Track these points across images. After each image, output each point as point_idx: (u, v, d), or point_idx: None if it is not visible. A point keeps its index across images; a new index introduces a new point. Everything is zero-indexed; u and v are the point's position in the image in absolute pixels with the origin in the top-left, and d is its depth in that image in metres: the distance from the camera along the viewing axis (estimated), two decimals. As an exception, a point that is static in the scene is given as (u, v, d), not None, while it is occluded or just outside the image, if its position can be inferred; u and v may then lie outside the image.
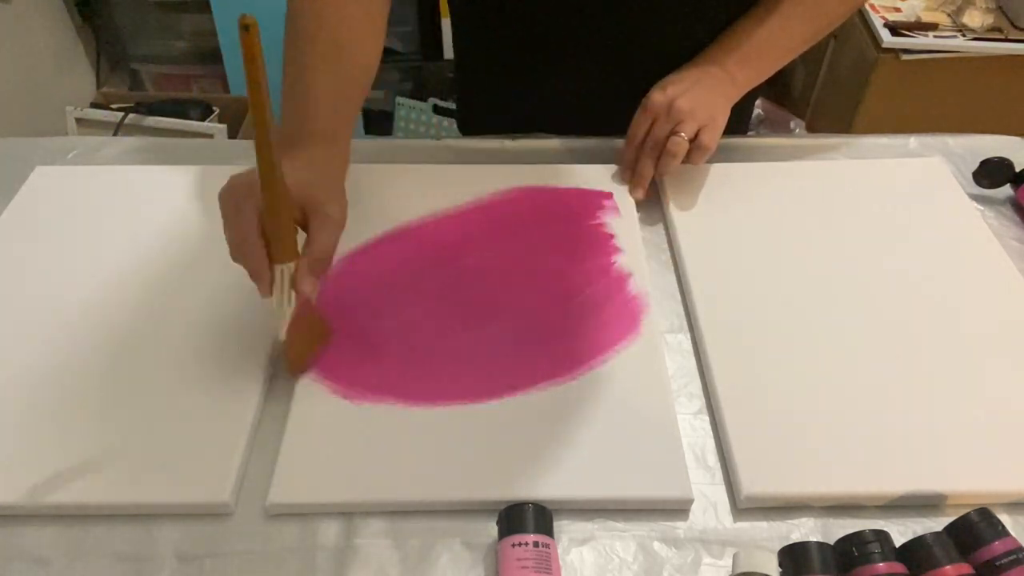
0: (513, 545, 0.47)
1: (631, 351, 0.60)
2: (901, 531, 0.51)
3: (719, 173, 0.77)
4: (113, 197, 0.74)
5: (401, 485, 0.52)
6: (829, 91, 1.77)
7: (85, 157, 0.82)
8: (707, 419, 0.58)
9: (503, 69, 0.86)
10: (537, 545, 0.47)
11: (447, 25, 1.95)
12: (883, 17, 1.53)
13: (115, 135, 1.53)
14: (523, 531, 0.47)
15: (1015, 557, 0.44)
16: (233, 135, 1.62)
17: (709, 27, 0.76)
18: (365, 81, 0.65)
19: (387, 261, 0.68)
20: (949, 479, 0.52)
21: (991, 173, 0.75)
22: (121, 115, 1.57)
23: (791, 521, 0.52)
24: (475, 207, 0.73)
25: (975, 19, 1.48)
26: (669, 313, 0.66)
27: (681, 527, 0.52)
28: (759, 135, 1.60)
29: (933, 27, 1.50)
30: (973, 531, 0.46)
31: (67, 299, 0.64)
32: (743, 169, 0.77)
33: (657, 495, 0.52)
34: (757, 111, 1.85)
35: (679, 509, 0.53)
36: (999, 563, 0.44)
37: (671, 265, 0.70)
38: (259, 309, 0.63)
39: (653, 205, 0.75)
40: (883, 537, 0.46)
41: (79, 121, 1.58)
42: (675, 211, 0.73)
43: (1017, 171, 0.75)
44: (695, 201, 0.74)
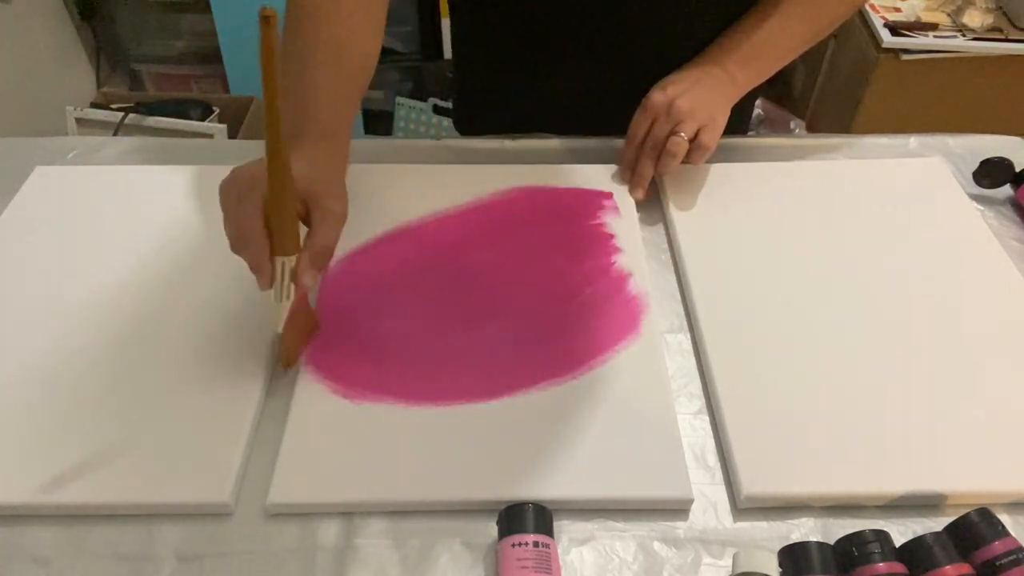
0: (513, 545, 0.47)
1: (631, 351, 0.60)
2: (901, 531, 0.51)
3: (719, 173, 0.77)
4: (113, 197, 0.74)
5: (401, 485, 0.52)
6: (829, 91, 1.77)
7: (85, 157, 0.82)
8: (707, 419, 0.58)
9: (503, 69, 0.86)
10: (537, 545, 0.47)
11: (447, 25, 1.95)
12: (883, 17, 1.53)
13: (115, 135, 1.53)
14: (523, 531, 0.47)
15: (1015, 557, 0.44)
16: (233, 135, 1.62)
17: (709, 27, 0.76)
18: (364, 79, 0.65)
19: (387, 261, 0.68)
20: (949, 479, 0.52)
21: (991, 173, 0.75)
22: (121, 115, 1.57)
23: (791, 521, 0.52)
24: (475, 207, 0.73)
25: (975, 19, 1.48)
26: (669, 313, 0.66)
27: (681, 527, 0.52)
28: (759, 135, 1.60)
29: (933, 27, 1.50)
30: (973, 531, 0.46)
31: (67, 299, 0.64)
32: (743, 169, 0.77)
33: (657, 495, 0.52)
34: (757, 111, 1.85)
35: (679, 509, 0.53)
36: (999, 563, 0.44)
37: (671, 265, 0.70)
38: (259, 308, 0.63)
39: (653, 205, 0.75)
40: (883, 537, 0.46)
41: (79, 121, 1.58)
42: (675, 211, 0.73)
43: (1017, 171, 0.75)
44: (695, 201, 0.74)
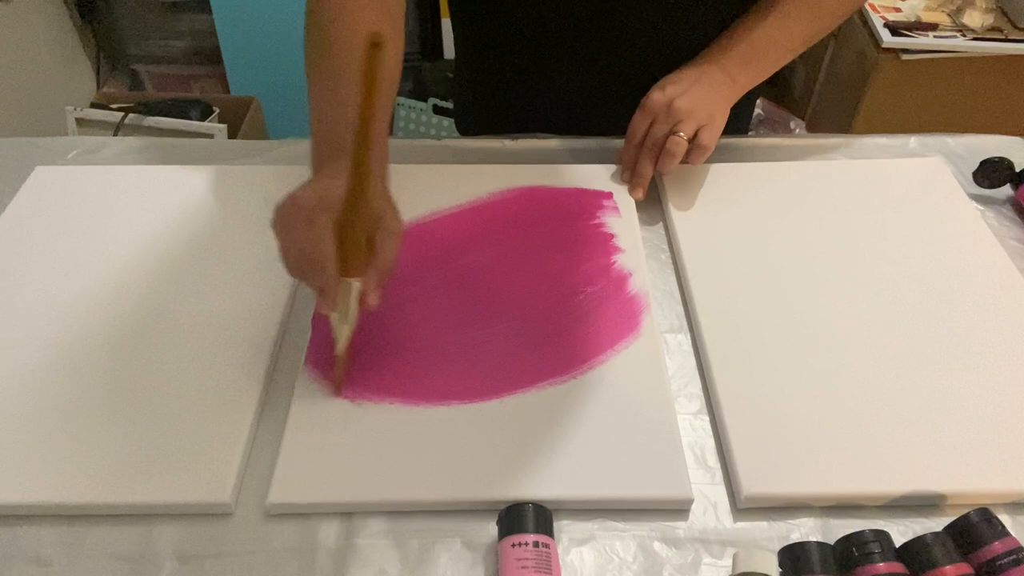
0: (513, 545, 0.47)
1: (631, 351, 0.60)
2: (901, 531, 0.51)
3: (719, 173, 0.77)
4: (113, 197, 0.74)
5: (401, 485, 0.52)
6: (829, 91, 1.77)
7: (85, 157, 0.82)
8: (707, 419, 0.58)
9: (503, 69, 0.86)
10: (537, 545, 0.47)
11: (447, 25, 1.96)
12: (883, 17, 1.53)
13: (115, 135, 1.53)
14: (523, 531, 0.47)
15: (1015, 557, 0.44)
16: (233, 135, 1.62)
17: (708, 27, 0.76)
18: (394, 88, 0.65)
19: (387, 261, 0.68)
20: (949, 479, 0.52)
21: (991, 173, 0.75)
22: (121, 115, 1.57)
23: (791, 521, 0.52)
24: (475, 207, 0.73)
25: (975, 19, 1.48)
26: (669, 313, 0.66)
27: (681, 527, 0.52)
28: (759, 135, 1.60)
29: (933, 27, 1.50)
30: (973, 531, 0.46)
31: (67, 299, 0.64)
32: (743, 169, 0.77)
33: (657, 495, 0.52)
34: (757, 111, 1.85)
35: (679, 509, 0.53)
36: (999, 563, 0.44)
37: (671, 265, 0.70)
38: (259, 309, 0.63)
39: (653, 205, 0.75)
40: (883, 537, 0.46)
41: (79, 121, 1.58)
42: (675, 211, 0.73)
43: (1017, 171, 0.75)
44: (695, 201, 0.74)
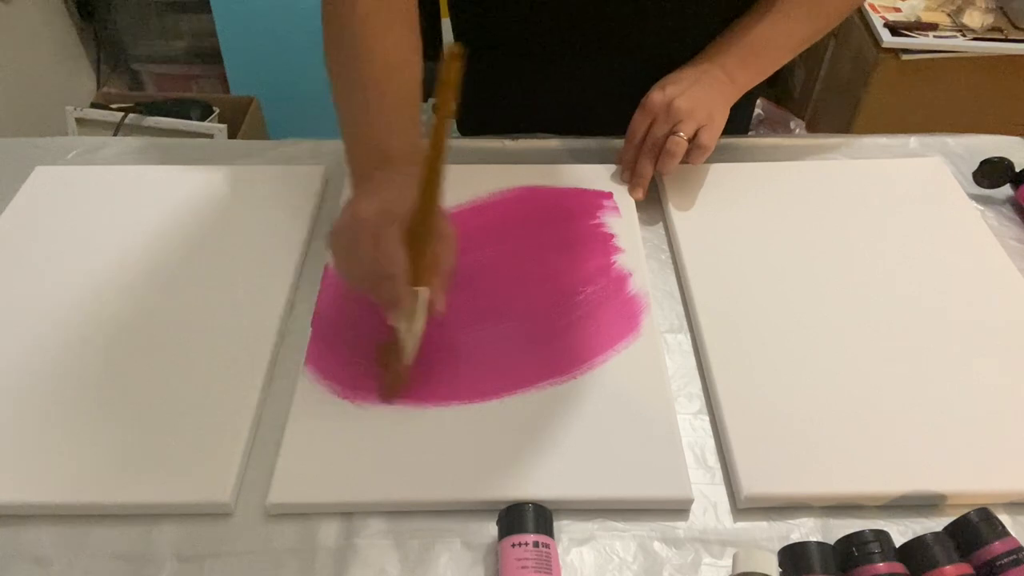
0: (513, 545, 0.47)
1: (631, 351, 0.60)
2: (901, 531, 0.51)
3: (719, 173, 0.77)
4: (113, 197, 0.74)
5: (401, 485, 0.52)
6: (829, 91, 1.77)
7: (85, 157, 0.82)
8: (707, 419, 0.58)
9: (503, 69, 0.86)
10: (537, 545, 0.47)
11: (447, 25, 1.95)
12: (883, 17, 1.53)
13: (115, 135, 1.53)
14: (523, 531, 0.47)
15: (1015, 557, 0.44)
16: (233, 135, 1.62)
17: (708, 27, 0.76)
18: (420, 96, 0.65)
19: (387, 261, 0.68)
20: (949, 479, 0.52)
21: (991, 173, 0.75)
22: (121, 115, 1.57)
23: (791, 521, 0.52)
24: (475, 207, 0.73)
25: (975, 19, 1.48)
26: (669, 313, 0.66)
27: (681, 527, 0.52)
28: (759, 135, 1.60)
29: (933, 27, 1.50)
30: (973, 531, 0.46)
31: (67, 299, 0.64)
32: (743, 169, 0.77)
33: (657, 495, 0.52)
34: (757, 111, 1.85)
35: (679, 509, 0.53)
36: (999, 563, 0.44)
37: (671, 265, 0.70)
38: (259, 309, 0.63)
39: (653, 205, 0.75)
40: (883, 537, 0.46)
41: (79, 121, 1.58)
42: (675, 211, 0.73)
43: (1017, 171, 0.75)
44: (695, 201, 0.74)
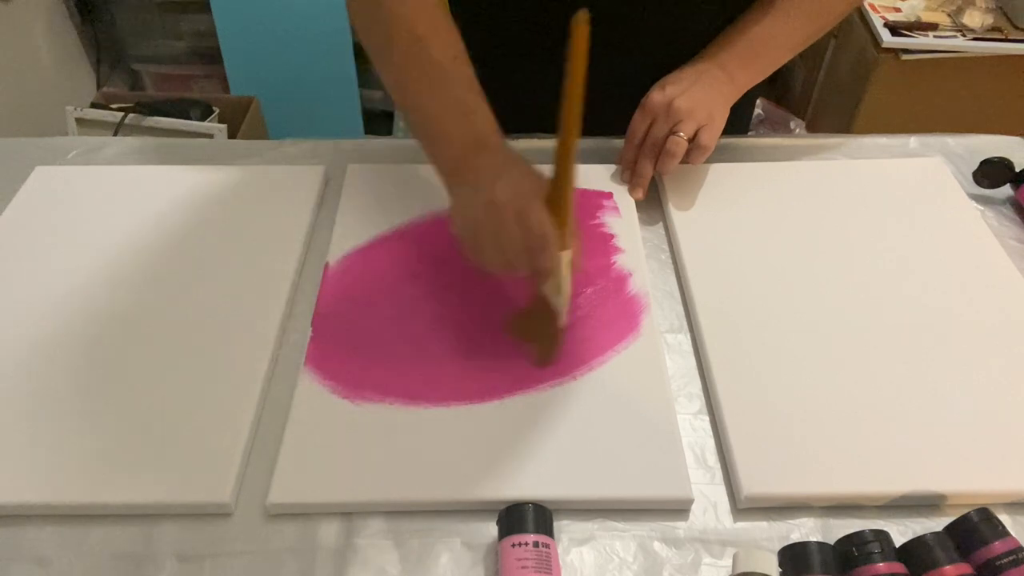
0: (513, 545, 0.47)
1: (631, 351, 0.60)
2: (901, 531, 0.51)
3: (719, 173, 0.77)
4: (113, 197, 0.74)
5: (401, 485, 0.52)
6: (829, 91, 1.77)
7: (85, 157, 0.82)
8: (707, 419, 0.58)
9: (502, 69, 0.86)
10: (537, 545, 0.47)
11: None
12: (883, 17, 1.53)
13: (115, 135, 1.53)
14: (523, 531, 0.47)
15: (1015, 557, 0.44)
16: (233, 135, 1.62)
17: (708, 27, 0.76)
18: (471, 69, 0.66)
19: (387, 261, 0.68)
20: (949, 479, 0.52)
21: (991, 173, 0.75)
22: (121, 115, 1.57)
23: (791, 521, 0.52)
24: (475, 207, 0.73)
25: (975, 19, 1.48)
26: (669, 313, 0.66)
27: (681, 527, 0.52)
28: (759, 135, 1.60)
29: (933, 27, 1.50)
30: (973, 531, 0.46)
31: (67, 299, 0.64)
32: (743, 169, 0.77)
33: (657, 495, 0.52)
34: (757, 111, 1.85)
35: (679, 509, 0.53)
36: (999, 563, 0.44)
37: (671, 265, 0.70)
38: (259, 309, 0.63)
39: (653, 205, 0.75)
40: (883, 537, 0.46)
41: (79, 121, 1.58)
42: (675, 211, 0.73)
43: (1017, 171, 0.75)
44: (695, 201, 0.74)
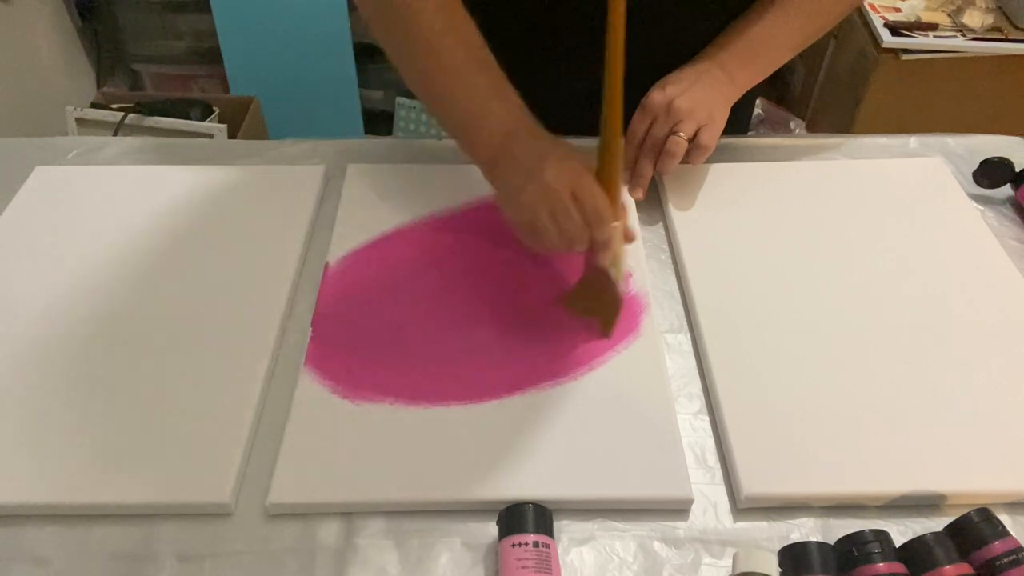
0: (513, 545, 0.47)
1: (631, 351, 0.60)
2: (901, 531, 0.51)
3: (719, 173, 0.77)
4: (113, 197, 0.74)
5: (401, 485, 0.52)
6: (829, 91, 1.77)
7: (85, 157, 0.82)
8: (707, 419, 0.58)
9: (502, 69, 0.86)
10: (537, 545, 0.47)
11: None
12: (883, 17, 1.53)
13: (115, 135, 1.53)
14: (523, 531, 0.47)
15: (1015, 557, 0.44)
16: (233, 135, 1.62)
17: (708, 27, 0.76)
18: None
19: (387, 261, 0.68)
20: (949, 479, 0.52)
21: (991, 173, 0.75)
22: (121, 115, 1.57)
23: (791, 521, 0.52)
24: (475, 207, 0.73)
25: (975, 19, 1.48)
26: (669, 313, 0.66)
27: (681, 527, 0.52)
28: (759, 135, 1.60)
29: (933, 27, 1.50)
30: (973, 531, 0.46)
31: (67, 299, 0.64)
32: (743, 169, 0.77)
33: (657, 495, 0.52)
34: (757, 111, 1.85)
35: (679, 509, 0.53)
36: (999, 563, 0.44)
37: (671, 265, 0.70)
38: (259, 309, 0.63)
39: (653, 205, 0.75)
40: (883, 537, 0.46)
41: (79, 121, 1.58)
42: (675, 211, 0.73)
43: (1017, 171, 0.75)
44: (695, 201, 0.74)
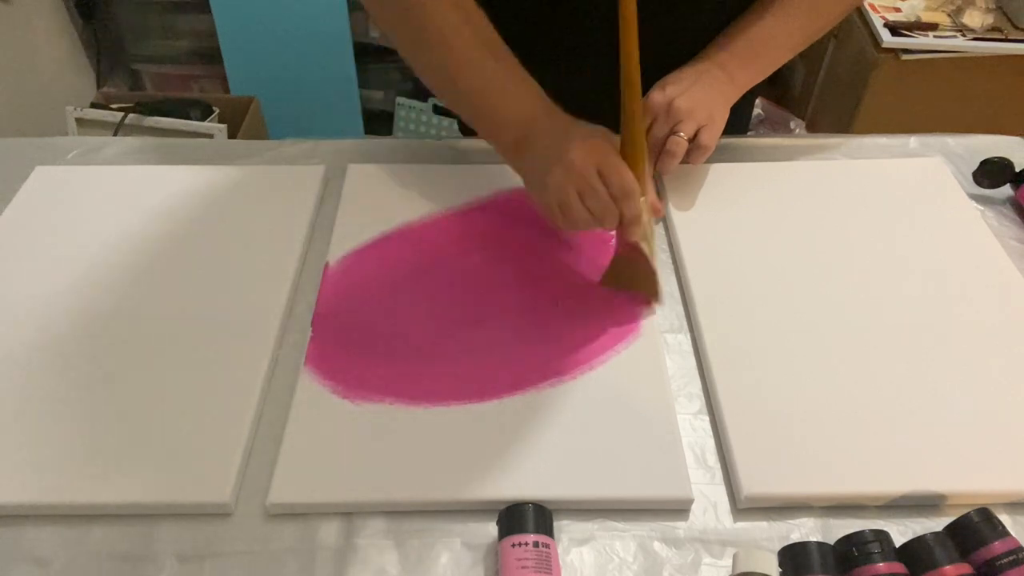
0: (513, 545, 0.47)
1: (631, 351, 0.60)
2: (901, 531, 0.51)
3: (719, 173, 0.77)
4: (113, 197, 0.74)
5: (401, 485, 0.52)
6: (829, 91, 1.77)
7: (85, 157, 0.82)
8: (707, 419, 0.58)
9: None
10: (537, 545, 0.47)
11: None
12: (883, 17, 1.53)
13: (115, 135, 1.53)
14: (523, 531, 0.48)
15: (1015, 557, 0.44)
16: (233, 135, 1.62)
17: (708, 27, 0.76)
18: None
19: (387, 261, 0.68)
20: (949, 479, 0.52)
21: (991, 173, 0.75)
22: (121, 115, 1.57)
23: (791, 521, 0.52)
24: (475, 207, 0.73)
25: (975, 19, 1.48)
26: (669, 313, 0.66)
27: (681, 527, 0.52)
28: (759, 135, 1.60)
29: (933, 27, 1.50)
30: (973, 531, 0.46)
31: (66, 299, 0.64)
32: (743, 169, 0.77)
33: (657, 495, 0.52)
34: (757, 111, 1.85)
35: (679, 509, 0.53)
36: (999, 563, 0.44)
37: (671, 265, 0.70)
38: (259, 309, 0.63)
39: (653, 205, 0.75)
40: (883, 537, 0.46)
41: (79, 121, 1.58)
42: (675, 211, 0.73)
43: (1017, 171, 0.75)
44: (695, 201, 0.74)
